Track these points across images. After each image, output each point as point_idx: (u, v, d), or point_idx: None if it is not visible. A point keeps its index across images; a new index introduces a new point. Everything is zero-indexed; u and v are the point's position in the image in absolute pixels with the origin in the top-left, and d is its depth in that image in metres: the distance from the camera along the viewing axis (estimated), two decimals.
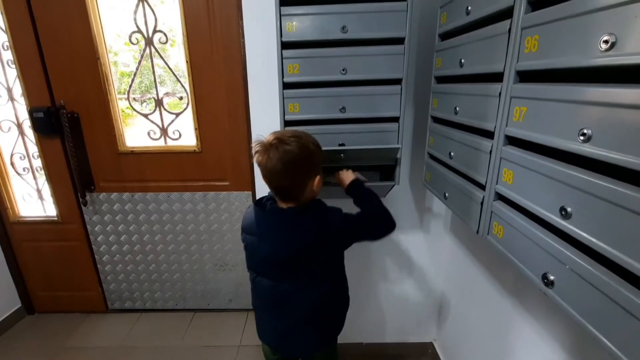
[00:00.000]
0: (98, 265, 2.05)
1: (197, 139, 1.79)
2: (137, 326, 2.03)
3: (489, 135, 0.81)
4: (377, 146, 1.21)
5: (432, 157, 1.19)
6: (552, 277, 0.59)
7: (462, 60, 0.94)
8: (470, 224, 0.88)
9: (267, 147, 0.89)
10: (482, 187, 0.83)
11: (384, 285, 1.72)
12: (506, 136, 0.74)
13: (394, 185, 1.28)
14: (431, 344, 1.80)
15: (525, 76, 0.71)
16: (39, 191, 1.98)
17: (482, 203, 0.83)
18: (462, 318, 1.52)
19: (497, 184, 0.77)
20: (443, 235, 1.61)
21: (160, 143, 1.85)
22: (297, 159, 0.89)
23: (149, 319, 2.09)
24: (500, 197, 0.78)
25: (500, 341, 1.17)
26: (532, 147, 0.67)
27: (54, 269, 2.06)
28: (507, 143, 0.75)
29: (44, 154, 1.84)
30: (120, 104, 1.79)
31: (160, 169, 1.86)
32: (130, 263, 2.03)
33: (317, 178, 0.95)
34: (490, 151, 0.79)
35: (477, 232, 0.85)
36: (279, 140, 0.89)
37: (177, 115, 1.80)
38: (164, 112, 1.80)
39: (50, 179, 1.89)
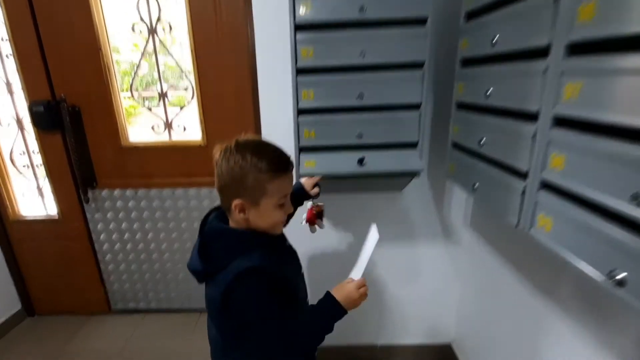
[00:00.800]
0: (100, 265, 1.98)
1: (202, 133, 1.72)
2: (141, 327, 1.96)
3: (530, 118, 0.73)
4: (397, 169, 1.15)
5: (456, 146, 1.11)
6: (621, 275, 0.51)
7: (495, 39, 0.86)
8: (507, 217, 0.81)
9: (220, 151, 0.79)
10: (523, 175, 0.75)
11: (398, 284, 1.64)
12: (554, 117, 0.66)
13: (414, 177, 1.21)
14: (449, 345, 1.73)
15: (578, 49, 0.63)
16: (39, 189, 1.91)
17: (523, 193, 0.75)
18: (482, 318, 1.44)
19: (542, 171, 0.69)
20: (462, 231, 1.53)
21: (164, 137, 1.77)
22: (223, 174, 0.76)
23: (153, 319, 2.02)
24: (545, 186, 0.70)
25: (528, 341, 1.09)
26: (585, 127, 0.59)
27: (55, 270, 1.99)
28: (554, 125, 0.67)
29: (44, 149, 1.77)
30: (123, 98, 1.72)
31: (165, 164, 1.78)
32: (134, 262, 1.96)
33: (235, 202, 0.76)
34: (534, 135, 0.71)
35: (517, 226, 0.77)
36: (227, 149, 0.77)
37: (182, 108, 1.73)
38: (168, 105, 1.72)
39: (51, 175, 1.82)
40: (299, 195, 1.08)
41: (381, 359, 1.72)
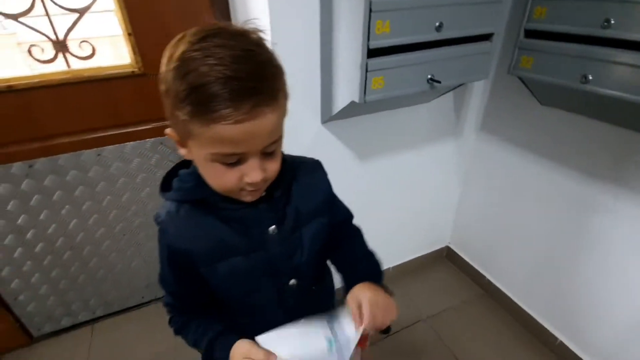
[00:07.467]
0: None
1: (133, 53, 1.10)
2: (96, 344, 1.43)
3: None
4: None
5: (536, 34, 0.93)
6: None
7: None
8: None
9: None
10: None
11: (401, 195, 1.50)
12: None
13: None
14: (446, 247, 1.80)
15: None
16: None
17: None
18: (488, 214, 1.50)
19: None
20: (468, 138, 1.47)
21: (59, 66, 1.07)
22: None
23: (108, 329, 1.49)
24: None
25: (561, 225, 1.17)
26: None
27: None
28: None
29: None
30: None
31: (68, 111, 1.12)
32: (55, 266, 1.32)
33: (166, 129, 0.49)
34: None
35: None
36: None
37: (82, 13, 1.03)
38: (53, 6, 1.00)
39: None
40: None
41: (393, 279, 1.68)
